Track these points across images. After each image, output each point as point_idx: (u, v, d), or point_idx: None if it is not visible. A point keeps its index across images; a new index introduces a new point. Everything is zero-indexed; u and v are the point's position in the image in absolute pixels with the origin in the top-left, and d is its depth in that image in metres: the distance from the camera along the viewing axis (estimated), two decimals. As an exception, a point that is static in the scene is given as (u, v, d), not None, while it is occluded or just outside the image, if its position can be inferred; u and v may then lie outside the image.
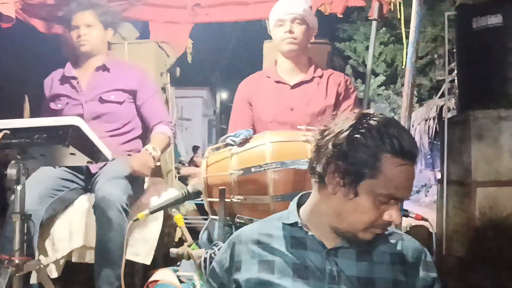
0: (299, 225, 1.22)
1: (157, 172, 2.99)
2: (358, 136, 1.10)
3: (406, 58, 1.78)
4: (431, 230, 1.94)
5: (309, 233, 1.20)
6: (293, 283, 1.16)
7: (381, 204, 1.10)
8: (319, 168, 1.16)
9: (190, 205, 3.98)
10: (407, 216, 1.79)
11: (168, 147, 2.72)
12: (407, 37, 1.83)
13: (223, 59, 23.65)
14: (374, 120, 1.11)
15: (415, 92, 14.88)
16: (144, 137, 2.73)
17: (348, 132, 1.11)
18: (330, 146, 1.13)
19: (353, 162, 1.10)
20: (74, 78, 2.64)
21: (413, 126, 12.21)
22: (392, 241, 1.22)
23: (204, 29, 3.39)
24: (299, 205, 1.29)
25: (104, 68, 2.66)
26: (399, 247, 1.21)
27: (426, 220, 1.90)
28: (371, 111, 1.19)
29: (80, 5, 2.62)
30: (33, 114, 2.82)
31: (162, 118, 2.69)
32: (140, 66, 2.83)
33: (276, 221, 1.28)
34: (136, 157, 2.43)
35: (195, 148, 13.66)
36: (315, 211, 1.22)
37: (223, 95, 25.82)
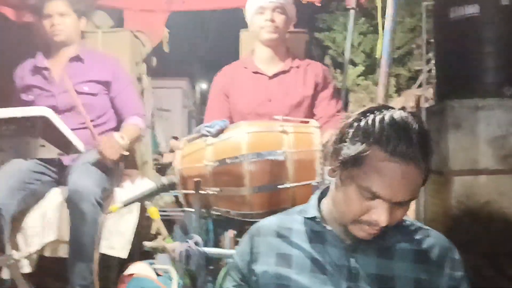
0: (317, 219, 1.19)
1: (132, 163, 2.94)
2: (359, 122, 1.06)
3: (382, 47, 1.77)
4: (407, 219, 1.94)
5: (328, 227, 1.17)
6: (311, 279, 1.13)
7: (367, 200, 1.04)
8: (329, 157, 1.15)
9: (168, 197, 3.94)
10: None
11: (139, 139, 2.66)
12: (383, 27, 1.81)
13: (201, 49, 23.49)
14: (388, 113, 1.05)
15: (393, 82, 15.04)
16: (119, 130, 2.67)
17: (355, 117, 1.09)
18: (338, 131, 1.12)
19: (344, 147, 1.07)
20: (46, 69, 2.56)
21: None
22: (417, 237, 1.17)
23: (181, 18, 3.33)
24: (321, 199, 1.24)
25: (78, 58, 2.60)
26: (424, 245, 1.15)
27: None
28: (397, 105, 1.14)
29: None
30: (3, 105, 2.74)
31: (136, 111, 2.64)
32: (114, 56, 2.77)
33: (296, 215, 1.25)
34: (102, 140, 2.35)
35: (175, 139, 13.58)
36: (330, 205, 1.18)
37: (203, 85, 25.65)
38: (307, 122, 1.93)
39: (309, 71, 2.39)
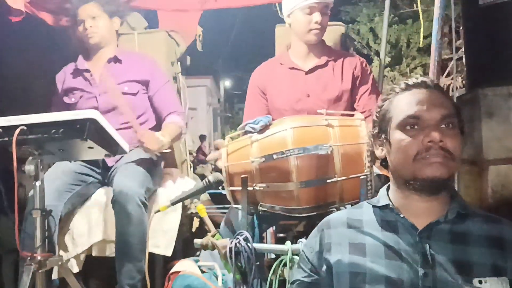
0: (390, 207, 1.20)
1: (171, 162, 2.97)
2: (389, 94, 1.24)
3: (419, 39, 1.74)
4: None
5: (401, 215, 1.18)
6: (387, 266, 1.13)
7: (412, 131, 1.14)
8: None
9: (204, 195, 3.97)
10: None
11: (180, 137, 2.68)
12: (416, 20, 1.77)
13: (226, 47, 23.54)
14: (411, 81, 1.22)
15: (420, 72, 14.82)
16: (158, 129, 2.70)
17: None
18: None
19: (378, 114, 1.24)
20: (87, 70, 2.61)
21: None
22: (490, 224, 1.16)
23: (212, 16, 3.33)
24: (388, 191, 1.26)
25: (116, 59, 2.63)
26: (497, 231, 1.14)
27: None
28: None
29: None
30: (43, 109, 2.79)
31: (175, 109, 2.66)
32: (151, 56, 2.80)
33: (366, 206, 1.27)
34: (144, 133, 2.36)
35: (202, 137, 13.64)
36: (394, 190, 1.23)
37: (227, 83, 25.76)
38: (352, 115, 1.91)
39: (346, 64, 2.35)
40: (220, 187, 1.99)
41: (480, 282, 1.08)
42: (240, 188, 1.83)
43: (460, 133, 1.17)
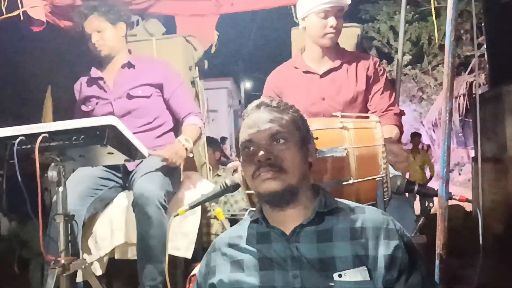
0: (260, 220, 1.29)
1: (191, 165, 3.01)
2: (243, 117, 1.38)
3: (438, 36, 1.73)
4: (468, 209, 1.91)
5: (270, 224, 1.27)
6: (260, 277, 1.21)
7: (248, 153, 1.26)
8: None
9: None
10: (451, 198, 1.75)
11: (200, 138, 2.72)
12: (437, 16, 1.77)
13: (245, 48, 23.57)
14: None
15: (442, 70, 14.63)
16: (176, 131, 2.74)
17: None
18: None
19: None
20: (101, 78, 2.66)
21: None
22: (353, 216, 1.24)
23: (228, 19, 3.36)
24: None
25: (129, 65, 2.68)
26: (359, 221, 1.22)
27: (470, 201, 1.86)
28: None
29: (83, 15, 2.60)
30: (60, 114, 2.86)
31: (191, 110, 2.69)
32: (164, 59, 2.83)
33: (245, 222, 1.36)
34: (167, 146, 2.43)
35: (223, 139, 13.69)
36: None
37: (247, 84, 25.81)
38: (367, 117, 1.91)
39: (360, 65, 2.35)
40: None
41: (340, 275, 1.15)
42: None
43: (300, 142, 1.27)
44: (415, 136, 8.92)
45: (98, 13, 2.59)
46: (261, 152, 1.22)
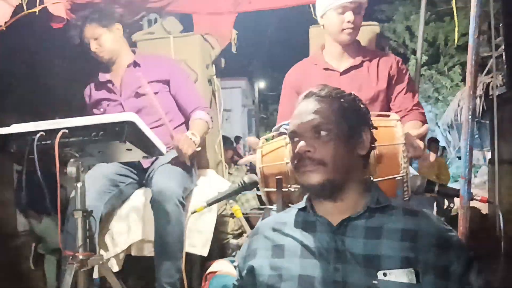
0: (307, 208, 1.28)
1: (205, 163, 3.01)
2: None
3: (456, 36, 1.71)
4: (483, 211, 1.88)
5: (318, 213, 1.25)
6: (301, 264, 1.19)
7: (294, 143, 1.27)
8: None
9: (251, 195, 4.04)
10: (473, 198, 1.72)
11: (207, 132, 2.71)
12: (457, 15, 1.74)
13: (261, 48, 23.58)
14: None
15: (459, 70, 14.49)
16: (187, 126, 2.73)
17: None
18: None
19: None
20: (109, 81, 2.67)
21: (458, 105, 11.86)
22: (406, 217, 1.20)
23: (247, 18, 3.35)
24: None
25: (135, 64, 2.68)
26: (412, 224, 1.18)
27: (491, 202, 1.83)
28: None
29: (77, 27, 2.60)
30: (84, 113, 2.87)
31: (198, 104, 2.69)
32: (168, 56, 2.84)
33: (293, 209, 1.34)
34: (178, 136, 2.42)
35: (237, 139, 13.70)
36: None
37: (261, 84, 25.79)
38: (388, 115, 1.89)
39: (381, 64, 2.32)
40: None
41: (385, 274, 1.12)
42: (275, 189, 1.84)
43: (347, 134, 1.23)
44: (432, 142, 8.24)
45: (90, 21, 2.59)
46: (301, 144, 1.21)
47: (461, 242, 1.19)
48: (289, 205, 1.78)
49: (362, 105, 1.33)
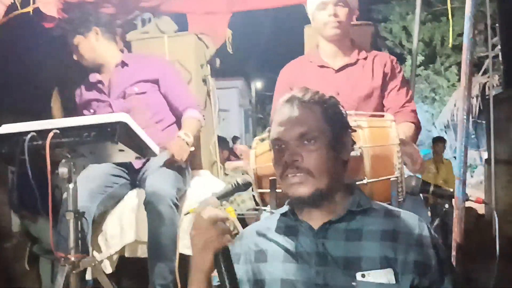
0: (288, 213, 1.28)
1: (198, 163, 2.99)
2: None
3: (451, 36, 1.70)
4: (480, 212, 1.87)
5: (299, 218, 1.25)
6: (283, 269, 1.20)
7: (277, 151, 1.24)
8: None
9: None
10: (468, 199, 1.71)
11: (200, 130, 2.70)
12: (453, 15, 1.73)
13: (257, 48, 23.56)
14: None
15: (455, 70, 14.50)
16: (178, 125, 2.71)
17: None
18: None
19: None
20: (99, 81, 2.65)
21: (455, 105, 11.88)
22: (387, 218, 1.21)
23: (242, 18, 3.33)
24: None
25: (123, 64, 2.66)
26: (392, 224, 1.19)
27: (486, 203, 1.82)
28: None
29: (61, 39, 2.59)
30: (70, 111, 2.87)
31: (189, 103, 2.66)
32: (159, 55, 2.81)
33: (276, 215, 1.35)
34: (171, 143, 2.42)
35: (234, 139, 13.68)
36: None
37: (258, 84, 25.75)
38: (382, 116, 1.88)
39: (376, 62, 2.32)
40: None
41: (363, 276, 1.12)
42: (269, 190, 1.82)
43: (332, 140, 1.21)
44: (438, 142, 7.00)
45: (67, 32, 2.58)
46: (288, 153, 1.19)
47: (439, 242, 1.20)
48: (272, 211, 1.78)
49: (342, 108, 1.33)
